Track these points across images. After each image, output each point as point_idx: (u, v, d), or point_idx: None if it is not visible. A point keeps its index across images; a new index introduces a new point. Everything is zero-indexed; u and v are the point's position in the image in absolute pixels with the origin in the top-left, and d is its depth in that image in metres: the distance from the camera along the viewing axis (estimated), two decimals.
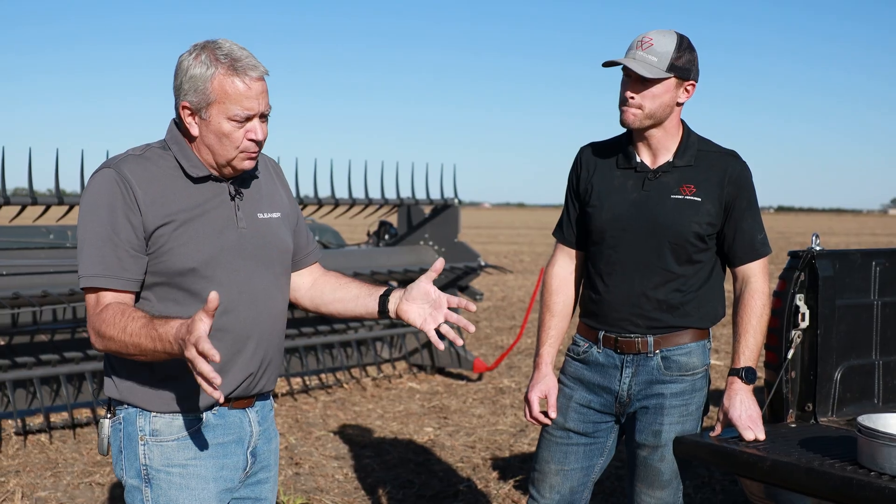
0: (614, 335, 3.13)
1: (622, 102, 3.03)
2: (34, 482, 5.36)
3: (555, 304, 3.28)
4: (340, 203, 7.93)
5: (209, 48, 2.36)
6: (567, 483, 3.22)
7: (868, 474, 2.81)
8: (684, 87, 3.03)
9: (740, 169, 3.08)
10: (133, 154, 2.42)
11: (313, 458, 6.00)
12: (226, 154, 2.40)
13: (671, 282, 3.07)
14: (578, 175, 3.24)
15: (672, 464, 3.10)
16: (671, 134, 3.08)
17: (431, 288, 2.50)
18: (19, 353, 6.38)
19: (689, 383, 3.11)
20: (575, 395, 3.21)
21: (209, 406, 2.45)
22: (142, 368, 2.40)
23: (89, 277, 2.33)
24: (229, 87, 2.34)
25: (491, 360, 9.34)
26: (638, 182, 3.09)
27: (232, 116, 2.35)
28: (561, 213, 3.33)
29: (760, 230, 3.13)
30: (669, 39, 2.98)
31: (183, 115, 2.40)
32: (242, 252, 2.45)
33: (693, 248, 3.05)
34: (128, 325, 2.24)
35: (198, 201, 2.42)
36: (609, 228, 3.10)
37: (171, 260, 2.36)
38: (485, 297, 12.63)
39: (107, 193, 2.35)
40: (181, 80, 2.37)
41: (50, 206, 6.41)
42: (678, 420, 3.10)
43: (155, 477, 2.42)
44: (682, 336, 3.10)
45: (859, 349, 3.81)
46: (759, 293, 3.09)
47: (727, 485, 5.36)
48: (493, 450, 6.22)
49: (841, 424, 3.62)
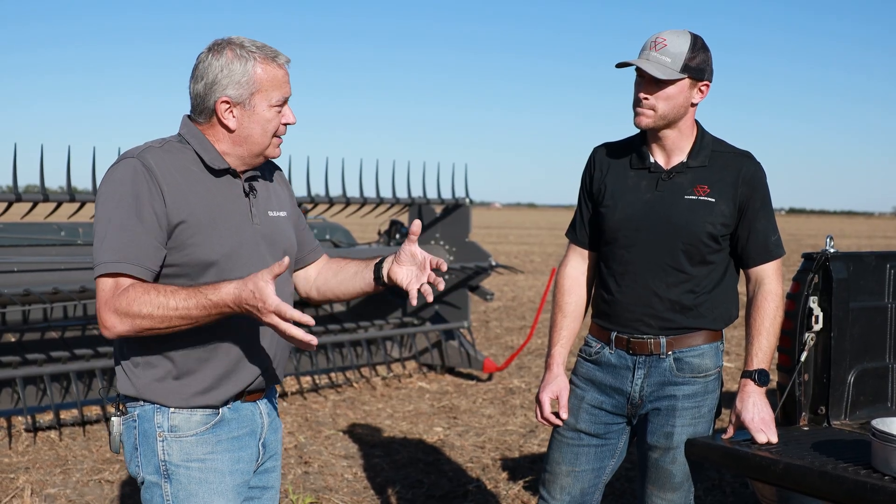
0: (626, 336, 3.11)
1: (636, 104, 3.01)
2: (44, 479, 5.36)
3: (567, 305, 3.27)
4: (352, 202, 7.93)
5: (233, 44, 2.44)
6: (578, 484, 3.21)
7: (882, 478, 2.79)
8: (698, 88, 3.01)
9: (754, 170, 3.06)
10: (153, 146, 2.44)
11: (322, 457, 5.99)
12: (264, 142, 2.48)
13: (684, 283, 3.05)
14: (592, 175, 3.23)
15: (683, 466, 3.08)
16: (685, 134, 3.06)
17: (417, 250, 2.59)
18: (30, 350, 6.40)
19: (702, 385, 3.09)
20: (587, 396, 3.20)
21: (227, 400, 2.48)
22: (161, 364, 2.42)
23: (111, 263, 2.31)
24: (269, 74, 2.44)
25: (501, 360, 9.33)
26: (652, 182, 3.08)
27: (273, 103, 2.45)
28: (574, 214, 3.32)
29: (774, 231, 3.11)
30: (683, 40, 2.96)
31: (220, 109, 2.43)
32: (258, 247, 2.50)
33: (707, 249, 3.04)
34: (168, 298, 2.26)
35: (217, 195, 2.46)
36: (622, 228, 3.09)
37: (195, 253, 2.39)
38: (495, 298, 12.61)
39: (131, 183, 2.35)
40: (215, 77, 2.42)
41: (62, 203, 6.42)
42: (690, 422, 3.07)
43: (174, 472, 2.44)
44: (694, 338, 3.08)
45: (873, 352, 3.79)
46: (773, 295, 3.07)
47: (737, 487, 5.34)
48: (503, 450, 6.21)
49: (854, 428, 3.60)
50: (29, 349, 6.42)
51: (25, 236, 7.28)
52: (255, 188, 2.56)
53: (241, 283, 2.24)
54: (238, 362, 2.46)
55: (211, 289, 2.27)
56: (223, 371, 2.45)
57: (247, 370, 2.49)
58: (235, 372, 2.47)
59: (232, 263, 2.43)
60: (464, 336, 8.65)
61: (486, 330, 11.74)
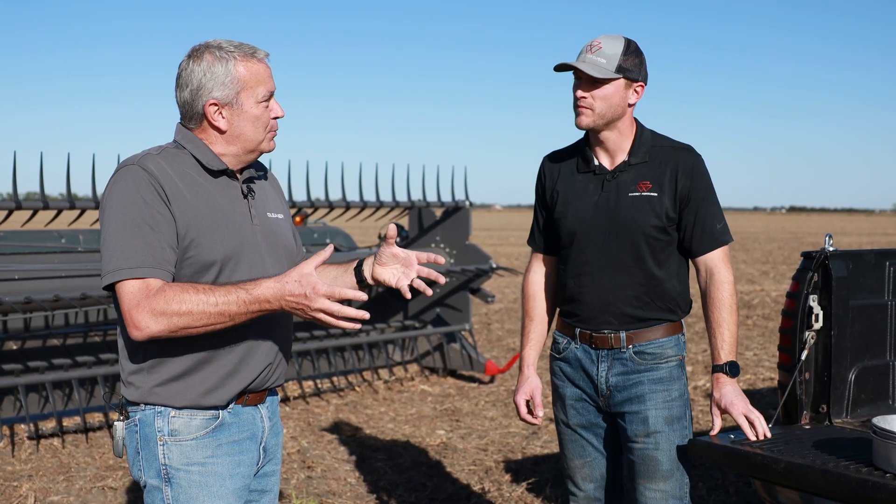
0: (589, 331, 3.22)
1: (575, 104, 3.14)
2: (47, 486, 5.37)
3: (533, 310, 3.41)
4: (351, 206, 7.94)
5: (212, 47, 2.47)
6: (596, 470, 3.32)
7: (883, 476, 2.80)
8: (633, 89, 3.15)
9: (692, 161, 3.17)
10: (151, 154, 2.47)
11: (325, 461, 5.99)
12: (257, 138, 2.52)
13: (638, 277, 3.15)
14: (543, 184, 3.37)
15: (669, 453, 3.13)
16: (625, 134, 3.19)
17: (397, 250, 2.64)
18: (31, 358, 6.40)
19: (666, 371, 3.17)
20: (566, 391, 3.31)
21: (231, 399, 2.50)
22: (166, 366, 2.44)
23: (134, 269, 2.33)
24: (252, 71, 2.48)
25: (503, 362, 9.33)
26: (598, 184, 3.20)
27: (260, 99, 2.49)
28: (532, 223, 3.46)
29: (720, 220, 3.20)
30: (617, 43, 3.11)
31: (209, 112, 2.47)
32: (258, 248, 2.53)
33: (657, 243, 3.14)
34: (207, 295, 2.31)
35: (217, 197, 2.49)
36: (576, 231, 3.21)
37: (199, 254, 2.42)
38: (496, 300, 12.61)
39: (138, 190, 2.37)
40: (200, 81, 2.45)
41: (62, 211, 6.43)
42: (663, 405, 3.14)
43: (175, 476, 2.46)
44: (655, 331, 3.18)
45: (873, 350, 3.79)
46: (724, 283, 3.15)
47: (741, 486, 5.34)
48: (506, 452, 6.21)
49: (855, 426, 3.60)
50: (31, 357, 6.41)
51: (26, 244, 7.28)
52: (253, 190, 2.59)
53: (280, 278, 2.31)
54: (241, 361, 2.49)
55: (251, 284, 2.33)
56: (228, 370, 2.48)
57: (249, 368, 2.51)
58: (239, 371, 2.50)
59: (234, 263, 2.46)
60: (465, 338, 8.66)
61: (488, 332, 11.74)
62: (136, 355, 2.46)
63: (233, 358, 2.48)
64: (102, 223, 2.41)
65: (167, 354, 2.43)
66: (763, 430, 3.10)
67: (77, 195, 6.40)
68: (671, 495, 3.13)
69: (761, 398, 7.55)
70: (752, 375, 8.83)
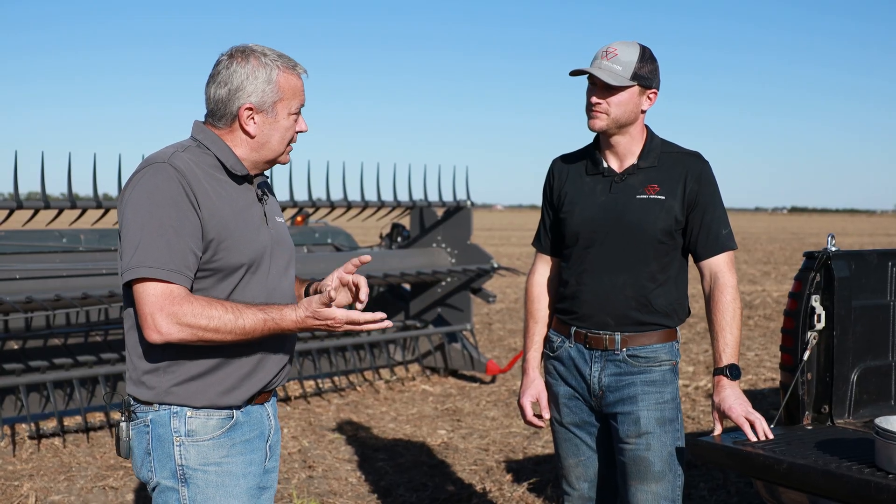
0: (585, 331, 3.23)
1: (589, 108, 3.16)
2: (48, 486, 5.37)
3: (537, 311, 3.42)
4: (353, 205, 7.94)
5: (256, 52, 2.49)
6: (590, 469, 3.32)
7: (886, 477, 2.79)
8: (647, 96, 3.18)
9: (701, 166, 3.20)
10: (178, 151, 2.45)
11: (326, 461, 5.99)
12: (280, 149, 2.55)
13: (639, 280, 3.16)
14: (552, 185, 3.39)
15: (660, 454, 3.13)
16: (636, 139, 3.21)
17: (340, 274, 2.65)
18: (32, 358, 6.40)
19: (659, 374, 3.18)
20: (560, 390, 3.32)
21: (247, 399, 2.53)
22: (185, 367, 2.44)
23: (157, 269, 2.31)
24: (291, 83, 2.51)
25: (504, 362, 9.33)
26: (606, 185, 3.22)
27: (292, 111, 2.53)
28: (538, 224, 3.48)
29: (725, 225, 3.21)
30: (633, 50, 3.13)
31: (242, 115, 2.48)
32: (273, 251, 2.57)
33: (661, 247, 3.16)
34: (237, 317, 2.35)
35: (238, 200, 2.50)
36: (581, 231, 3.23)
37: (227, 257, 2.43)
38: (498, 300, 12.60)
39: (167, 189, 2.36)
40: (241, 83, 2.46)
41: (63, 210, 6.43)
42: (655, 406, 3.15)
43: (192, 476, 2.47)
44: (649, 336, 3.19)
45: (876, 350, 3.79)
46: (728, 287, 3.15)
47: (742, 487, 5.33)
48: (507, 452, 6.20)
49: (858, 426, 3.60)
50: (32, 356, 6.42)
51: (27, 244, 7.28)
52: (266, 194, 2.62)
53: (299, 311, 2.39)
54: (259, 362, 2.52)
55: (275, 311, 2.39)
56: (246, 371, 2.50)
57: (266, 370, 2.55)
58: (256, 372, 2.52)
59: (256, 266, 2.50)
60: (466, 338, 8.65)
61: (489, 332, 11.74)
62: (152, 355, 2.44)
63: (251, 359, 2.51)
64: (125, 219, 2.38)
65: (186, 355, 2.43)
66: (764, 431, 3.10)
67: (78, 195, 6.40)
68: (663, 497, 3.13)
69: (763, 398, 7.55)
70: (754, 376, 8.83)
